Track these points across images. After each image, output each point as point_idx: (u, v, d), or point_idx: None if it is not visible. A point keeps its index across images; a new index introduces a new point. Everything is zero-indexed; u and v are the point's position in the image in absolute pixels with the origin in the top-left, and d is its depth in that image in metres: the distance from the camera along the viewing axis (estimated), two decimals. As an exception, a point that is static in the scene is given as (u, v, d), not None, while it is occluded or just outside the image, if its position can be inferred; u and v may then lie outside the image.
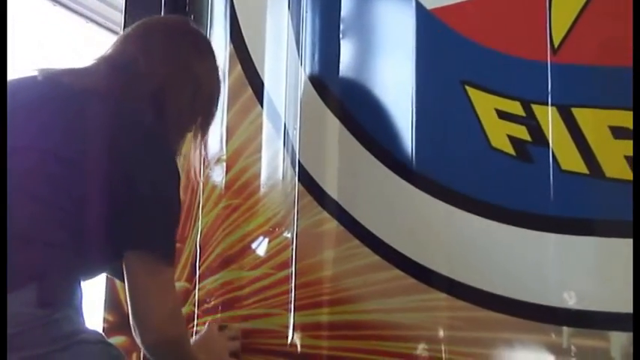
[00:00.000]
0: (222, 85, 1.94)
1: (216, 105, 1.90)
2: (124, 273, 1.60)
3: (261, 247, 2.15)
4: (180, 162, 1.84)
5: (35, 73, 1.66)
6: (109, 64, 1.71)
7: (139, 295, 1.58)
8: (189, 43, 1.81)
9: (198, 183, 2.07)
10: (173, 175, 1.65)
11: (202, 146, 1.89)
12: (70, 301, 1.54)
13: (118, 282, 2.64)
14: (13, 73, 1.68)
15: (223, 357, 1.94)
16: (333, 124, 1.97)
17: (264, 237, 2.13)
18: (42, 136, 1.56)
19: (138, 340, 1.60)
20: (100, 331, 1.99)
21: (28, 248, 1.47)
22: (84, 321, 1.58)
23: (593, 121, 1.60)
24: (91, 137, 1.56)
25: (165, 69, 1.72)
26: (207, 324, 2.06)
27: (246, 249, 2.21)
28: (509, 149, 1.67)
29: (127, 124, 1.60)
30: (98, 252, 1.59)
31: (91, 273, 1.66)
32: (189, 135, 1.91)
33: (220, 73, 1.93)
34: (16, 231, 1.45)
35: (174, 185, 1.65)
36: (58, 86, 1.63)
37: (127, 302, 1.63)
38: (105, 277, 2.51)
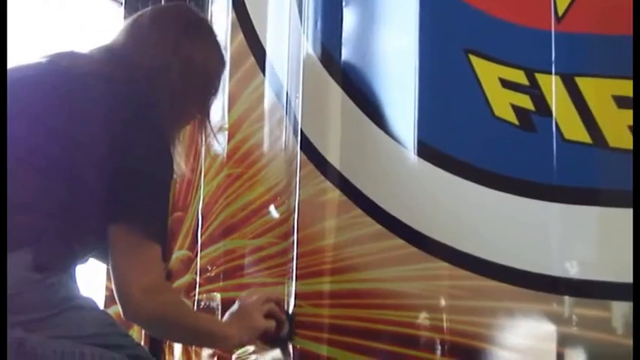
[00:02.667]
0: (222, 64, 1.94)
1: (215, 84, 1.89)
2: (109, 247, 1.60)
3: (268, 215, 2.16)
4: (178, 146, 1.84)
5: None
6: (106, 50, 1.76)
7: (120, 268, 1.58)
8: (178, 26, 1.83)
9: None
10: (164, 154, 1.66)
11: (208, 128, 1.88)
12: (65, 267, 1.56)
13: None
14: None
15: (255, 320, 1.85)
16: (335, 92, 1.96)
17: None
18: (43, 114, 1.58)
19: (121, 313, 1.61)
20: (102, 299, 2.01)
21: (25, 213, 1.49)
22: (78, 288, 1.60)
23: (597, 91, 1.59)
24: (87, 116, 1.59)
25: (153, 51, 1.75)
26: (248, 291, 2.03)
27: (248, 218, 2.21)
28: (513, 118, 1.66)
29: (121, 103, 1.63)
30: (92, 232, 1.60)
31: (84, 249, 1.65)
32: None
33: (220, 53, 1.93)
34: (13, 197, 1.47)
35: (165, 164, 1.66)
36: (57, 68, 1.68)
37: None
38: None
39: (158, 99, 1.69)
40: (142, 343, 2.12)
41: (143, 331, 2.20)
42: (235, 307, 1.89)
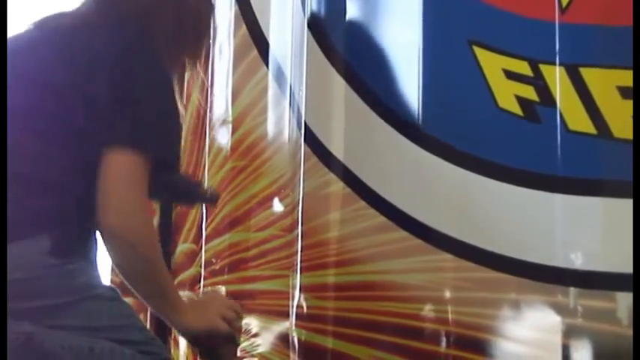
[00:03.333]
0: (211, 5, 1.89)
1: (207, 25, 1.86)
2: (100, 172, 1.50)
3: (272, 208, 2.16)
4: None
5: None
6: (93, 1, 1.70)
7: (109, 180, 1.48)
8: None
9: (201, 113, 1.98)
10: (166, 82, 1.59)
11: (201, 71, 1.85)
12: (85, 252, 1.52)
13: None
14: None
15: (212, 315, 1.67)
16: (339, 84, 1.96)
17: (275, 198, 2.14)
18: (39, 73, 1.55)
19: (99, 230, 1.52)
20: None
21: (40, 192, 1.46)
22: (99, 275, 1.56)
23: (601, 81, 1.59)
24: (84, 66, 1.55)
25: None
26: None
27: (253, 211, 2.21)
28: (517, 109, 1.66)
29: (117, 46, 1.58)
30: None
31: None
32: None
33: None
34: (23, 172, 1.45)
35: (167, 90, 1.60)
36: (47, 30, 1.63)
37: None
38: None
39: (152, 40, 1.64)
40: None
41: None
42: (199, 295, 1.83)
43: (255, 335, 2.08)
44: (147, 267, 1.53)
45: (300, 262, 2.00)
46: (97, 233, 1.53)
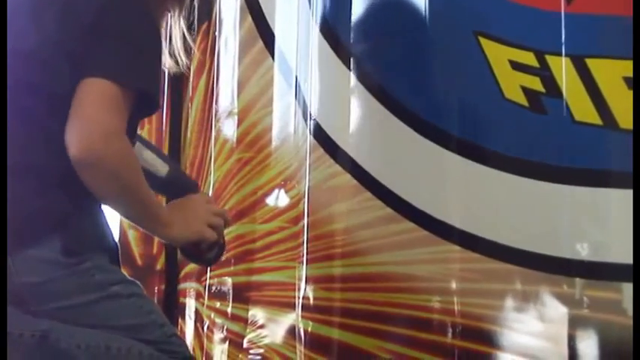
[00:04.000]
0: None
1: None
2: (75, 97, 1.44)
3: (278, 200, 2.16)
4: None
5: None
6: None
7: (80, 104, 1.42)
8: None
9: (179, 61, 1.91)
10: (149, 21, 1.54)
11: (180, 21, 1.79)
12: (99, 247, 1.50)
13: (130, 235, 2.67)
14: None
15: (200, 223, 1.63)
16: (344, 76, 1.96)
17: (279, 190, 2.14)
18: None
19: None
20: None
21: (46, 192, 1.44)
22: (117, 269, 1.53)
23: (607, 72, 1.59)
24: (62, 21, 1.47)
25: None
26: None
27: (259, 202, 2.21)
28: (523, 100, 1.66)
29: None
30: None
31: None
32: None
33: None
34: (30, 167, 1.42)
35: (150, 29, 1.54)
36: None
37: (139, 254, 1.61)
38: (118, 229, 2.53)
39: None
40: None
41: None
42: (184, 199, 1.68)
43: (262, 327, 2.08)
44: (128, 193, 1.48)
45: (307, 253, 2.00)
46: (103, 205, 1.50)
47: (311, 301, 1.98)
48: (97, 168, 1.41)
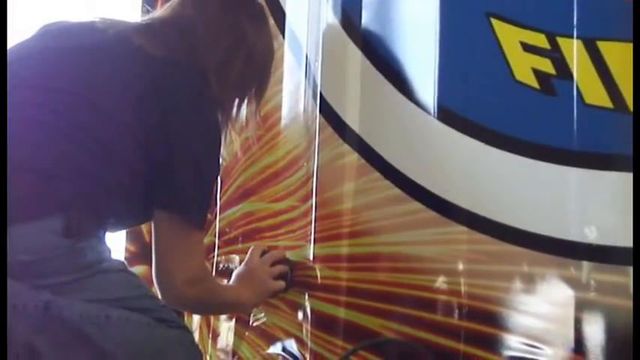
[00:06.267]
0: (274, 52, 1.90)
1: (270, 73, 1.87)
2: (152, 229, 1.63)
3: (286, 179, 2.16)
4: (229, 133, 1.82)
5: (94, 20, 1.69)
6: (169, 25, 1.69)
7: (163, 255, 1.62)
8: (246, 11, 1.78)
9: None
10: (216, 142, 1.66)
11: (257, 114, 1.87)
12: (95, 233, 1.54)
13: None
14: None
15: (267, 284, 1.95)
16: (355, 55, 1.95)
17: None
18: (77, 81, 1.56)
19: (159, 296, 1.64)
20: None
21: (54, 180, 1.47)
22: (108, 250, 1.59)
23: (619, 55, 1.58)
24: (135, 93, 1.57)
25: (224, 42, 1.71)
26: (249, 251, 2.05)
27: (267, 181, 2.21)
28: (534, 82, 1.65)
29: (180, 88, 1.60)
30: (126, 203, 1.60)
31: (117, 219, 1.65)
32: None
33: (272, 40, 1.90)
34: (42, 164, 1.46)
35: (215, 152, 1.66)
36: (128, 44, 1.63)
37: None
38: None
39: (219, 88, 1.66)
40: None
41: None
42: (243, 270, 1.95)
43: (268, 305, 2.09)
44: (213, 310, 1.95)
45: (314, 232, 2.01)
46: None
47: (318, 281, 1.98)
48: (181, 307, 1.77)
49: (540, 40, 1.65)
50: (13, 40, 1.64)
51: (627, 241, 1.52)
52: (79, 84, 1.55)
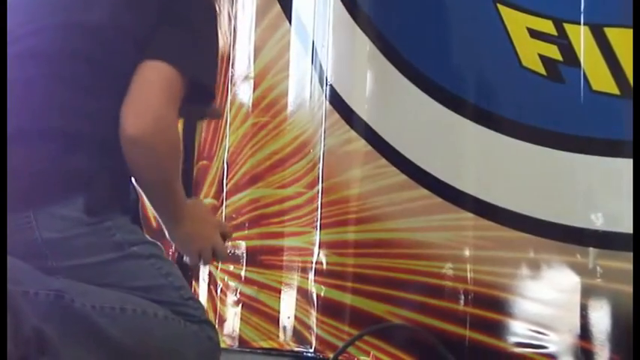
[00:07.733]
0: None
1: None
2: (133, 80, 1.47)
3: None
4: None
5: None
6: None
7: (141, 86, 1.46)
8: None
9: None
10: (211, 9, 1.60)
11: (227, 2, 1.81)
12: (121, 208, 1.49)
13: (145, 199, 2.67)
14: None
15: (213, 231, 1.67)
16: (362, 42, 1.95)
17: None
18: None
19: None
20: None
21: (72, 151, 1.44)
22: (137, 230, 1.52)
23: (626, 42, 1.58)
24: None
25: None
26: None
27: (274, 167, 2.21)
28: (540, 68, 1.65)
29: None
30: None
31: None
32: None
33: None
34: (56, 127, 1.43)
35: (212, 17, 1.60)
36: None
37: (154, 217, 1.60)
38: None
39: None
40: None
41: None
42: (203, 205, 1.81)
43: (276, 290, 2.09)
44: (164, 180, 1.52)
45: (321, 218, 2.01)
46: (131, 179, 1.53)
47: (324, 266, 1.99)
48: (145, 149, 1.44)
49: (548, 27, 1.65)
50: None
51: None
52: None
